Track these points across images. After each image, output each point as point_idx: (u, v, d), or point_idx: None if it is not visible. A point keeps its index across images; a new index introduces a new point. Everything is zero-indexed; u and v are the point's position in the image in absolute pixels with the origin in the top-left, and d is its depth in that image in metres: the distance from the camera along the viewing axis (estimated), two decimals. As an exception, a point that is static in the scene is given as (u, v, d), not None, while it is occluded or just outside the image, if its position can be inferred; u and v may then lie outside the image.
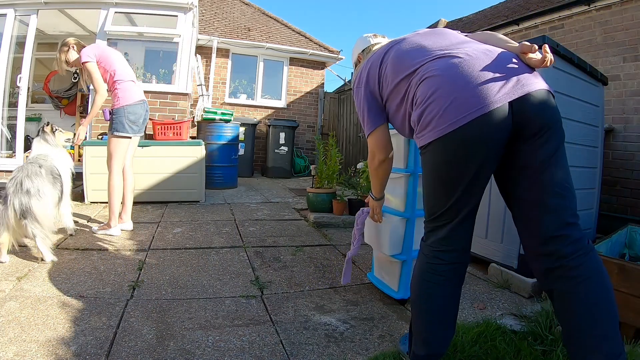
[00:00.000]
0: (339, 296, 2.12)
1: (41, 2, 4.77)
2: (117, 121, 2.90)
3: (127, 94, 2.93)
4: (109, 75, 2.90)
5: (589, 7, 4.34)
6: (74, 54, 2.91)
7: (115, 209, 2.96)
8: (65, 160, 2.78)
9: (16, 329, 1.57)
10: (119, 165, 2.97)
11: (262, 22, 8.89)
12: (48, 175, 2.47)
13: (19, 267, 2.23)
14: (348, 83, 9.35)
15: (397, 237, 2.00)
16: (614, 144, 3.87)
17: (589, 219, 2.72)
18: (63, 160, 2.74)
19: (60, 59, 2.92)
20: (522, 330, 1.74)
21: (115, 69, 2.91)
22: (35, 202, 2.29)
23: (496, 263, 2.39)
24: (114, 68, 2.91)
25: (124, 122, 2.91)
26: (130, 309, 1.83)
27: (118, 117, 2.90)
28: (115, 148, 2.94)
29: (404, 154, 1.97)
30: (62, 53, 2.90)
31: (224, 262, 2.53)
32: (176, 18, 5.04)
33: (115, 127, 2.91)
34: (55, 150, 2.73)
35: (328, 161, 3.97)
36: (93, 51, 2.88)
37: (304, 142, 8.31)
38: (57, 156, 2.69)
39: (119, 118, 2.90)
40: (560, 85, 2.26)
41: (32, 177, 2.34)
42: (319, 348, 1.59)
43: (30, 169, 2.39)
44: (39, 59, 6.29)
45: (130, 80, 2.99)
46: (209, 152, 5.00)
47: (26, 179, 2.31)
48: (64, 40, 2.92)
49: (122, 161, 2.99)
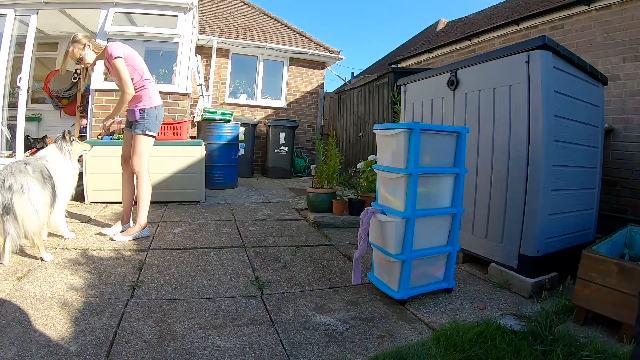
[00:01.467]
0: (339, 296, 2.12)
1: (41, 2, 4.76)
2: (150, 121, 2.91)
3: (156, 95, 2.98)
4: (137, 74, 2.87)
5: (589, 7, 4.34)
6: (91, 54, 2.82)
7: (147, 209, 2.99)
8: (67, 167, 2.69)
9: (16, 329, 1.57)
10: (147, 164, 2.98)
11: (262, 22, 8.89)
12: (36, 173, 2.37)
13: (19, 267, 2.23)
14: (348, 83, 9.35)
15: (397, 237, 2.00)
16: (614, 144, 3.87)
17: (589, 219, 2.72)
18: (62, 165, 2.65)
19: (74, 54, 2.76)
20: (522, 330, 1.74)
21: (143, 69, 2.92)
22: (18, 199, 2.19)
23: (496, 263, 2.39)
24: (142, 67, 2.92)
25: (156, 122, 2.95)
26: (130, 309, 1.82)
27: (151, 117, 2.91)
28: (146, 147, 2.95)
29: (404, 154, 1.97)
30: (76, 49, 2.74)
31: (224, 262, 2.53)
32: (176, 18, 5.04)
33: (148, 126, 2.92)
34: (59, 155, 2.66)
35: (328, 161, 3.97)
36: (122, 49, 2.82)
37: (304, 142, 8.31)
38: (55, 159, 2.62)
39: (152, 118, 2.91)
40: (560, 85, 2.26)
41: (16, 174, 2.24)
42: (319, 348, 1.59)
43: (15, 166, 2.29)
44: (39, 59, 6.29)
45: (154, 81, 3.03)
46: (209, 152, 5.00)
47: (9, 176, 2.22)
48: (75, 36, 2.78)
49: (148, 160, 3.02)
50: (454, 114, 2.72)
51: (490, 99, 2.43)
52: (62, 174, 2.63)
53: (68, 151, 2.72)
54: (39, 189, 2.35)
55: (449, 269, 2.19)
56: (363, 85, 6.14)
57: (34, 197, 2.29)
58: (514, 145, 2.28)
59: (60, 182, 2.60)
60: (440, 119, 2.86)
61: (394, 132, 2.04)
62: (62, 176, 2.63)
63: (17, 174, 2.26)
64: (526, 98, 2.20)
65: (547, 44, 2.11)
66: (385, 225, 2.06)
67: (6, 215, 2.14)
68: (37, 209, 2.31)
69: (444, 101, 2.81)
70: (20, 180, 2.25)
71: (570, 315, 1.87)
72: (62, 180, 2.63)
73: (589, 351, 1.53)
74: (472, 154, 2.51)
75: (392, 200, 2.11)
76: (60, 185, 2.58)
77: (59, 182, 2.57)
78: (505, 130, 2.33)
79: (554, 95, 2.18)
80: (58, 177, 2.57)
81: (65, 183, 2.68)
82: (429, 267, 2.16)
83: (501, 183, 2.36)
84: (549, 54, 2.15)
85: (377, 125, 2.22)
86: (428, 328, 1.82)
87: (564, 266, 2.29)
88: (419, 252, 2.06)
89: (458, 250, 2.21)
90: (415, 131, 1.92)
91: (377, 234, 2.16)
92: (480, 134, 2.50)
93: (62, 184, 2.62)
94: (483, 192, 2.49)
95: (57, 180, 2.55)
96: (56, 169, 2.59)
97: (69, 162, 2.75)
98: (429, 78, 3.00)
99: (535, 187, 2.17)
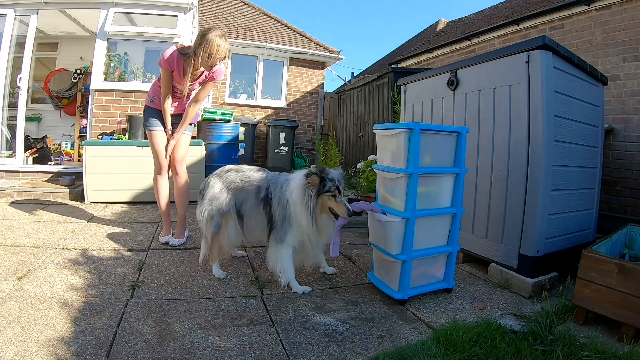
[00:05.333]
0: (339, 296, 2.12)
1: (41, 2, 4.76)
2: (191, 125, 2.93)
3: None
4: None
5: (589, 7, 4.34)
6: (221, 67, 2.68)
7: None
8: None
9: (16, 329, 1.57)
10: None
11: (262, 22, 8.89)
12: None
13: (19, 267, 2.23)
14: (348, 83, 9.35)
15: (397, 237, 2.00)
16: (614, 144, 3.87)
17: (589, 219, 2.72)
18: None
19: (211, 62, 2.49)
20: (522, 330, 1.74)
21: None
22: None
23: (496, 263, 2.39)
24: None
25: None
26: (130, 309, 1.82)
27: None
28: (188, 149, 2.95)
29: (404, 154, 1.97)
30: (220, 60, 2.53)
31: (224, 262, 2.52)
32: (176, 18, 5.04)
33: (191, 129, 2.94)
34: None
35: (328, 161, 3.98)
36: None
37: (304, 142, 8.31)
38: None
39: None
40: (560, 85, 2.26)
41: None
42: (319, 348, 1.59)
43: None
44: (39, 59, 6.29)
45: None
46: (209, 152, 5.00)
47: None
48: (225, 48, 2.47)
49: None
50: (454, 114, 2.72)
51: (490, 99, 2.43)
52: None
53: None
54: None
55: (449, 269, 2.19)
56: (363, 85, 6.14)
57: None
58: (514, 145, 2.28)
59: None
60: (440, 119, 2.86)
61: (393, 132, 2.04)
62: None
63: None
64: (526, 98, 2.20)
65: (547, 44, 2.11)
66: (385, 225, 2.06)
67: None
68: None
69: (444, 101, 2.81)
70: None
71: (570, 315, 1.87)
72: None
73: (589, 351, 1.53)
74: (472, 154, 2.52)
75: (392, 200, 2.11)
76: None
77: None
78: (505, 130, 2.33)
79: (554, 95, 2.18)
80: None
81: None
82: (429, 267, 2.16)
83: (501, 183, 2.36)
84: (549, 54, 2.15)
85: (377, 125, 2.22)
86: (428, 328, 1.82)
87: (564, 266, 2.29)
88: (418, 252, 2.06)
89: (458, 250, 2.21)
90: (415, 131, 1.92)
91: (377, 234, 2.16)
92: (480, 134, 2.50)
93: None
94: (483, 192, 2.49)
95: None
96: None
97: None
98: (429, 78, 3.00)
99: (535, 187, 2.17)
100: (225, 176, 2.31)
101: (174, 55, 2.57)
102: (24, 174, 4.82)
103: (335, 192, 2.04)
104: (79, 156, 5.52)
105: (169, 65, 2.58)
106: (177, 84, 2.71)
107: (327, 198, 2.04)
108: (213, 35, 2.41)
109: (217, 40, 2.40)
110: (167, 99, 2.73)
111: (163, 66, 2.60)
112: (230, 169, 2.36)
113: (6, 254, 2.42)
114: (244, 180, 2.27)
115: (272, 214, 2.15)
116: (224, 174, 2.33)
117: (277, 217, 2.13)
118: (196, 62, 2.48)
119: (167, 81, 2.66)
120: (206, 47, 2.40)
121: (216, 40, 2.40)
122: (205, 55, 2.42)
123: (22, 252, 2.48)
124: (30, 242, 2.69)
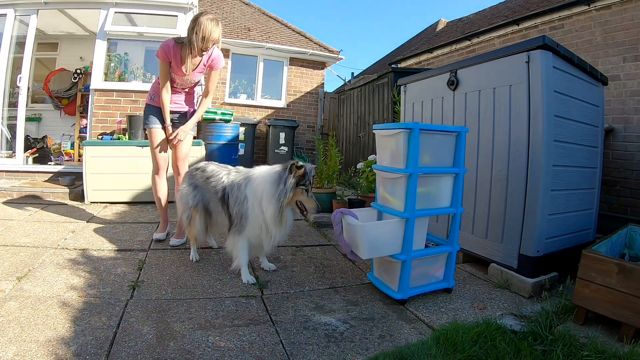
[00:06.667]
0: (339, 296, 2.12)
1: (41, 2, 4.77)
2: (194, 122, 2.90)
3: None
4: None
5: (589, 7, 4.34)
6: (219, 53, 2.71)
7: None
8: None
9: (16, 329, 1.57)
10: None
11: (262, 22, 8.89)
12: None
13: (19, 267, 2.23)
14: (348, 83, 9.35)
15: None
16: (614, 144, 3.87)
17: (589, 219, 2.72)
18: None
19: (217, 40, 2.53)
20: (522, 330, 1.74)
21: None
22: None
23: (496, 263, 2.39)
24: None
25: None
26: (130, 309, 1.82)
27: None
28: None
29: (404, 154, 1.97)
30: (213, 43, 2.55)
31: (224, 262, 2.52)
32: (176, 18, 5.04)
33: (194, 128, 2.92)
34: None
35: (328, 161, 3.97)
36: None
37: (304, 142, 8.31)
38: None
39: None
40: (560, 85, 2.26)
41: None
42: (319, 348, 1.59)
43: None
44: (39, 59, 6.29)
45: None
46: (209, 152, 5.00)
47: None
48: (217, 31, 2.50)
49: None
50: (453, 114, 2.72)
51: (490, 99, 2.43)
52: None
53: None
54: None
55: (448, 269, 2.19)
56: (363, 85, 6.14)
57: None
58: (513, 145, 2.28)
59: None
60: (440, 119, 2.86)
61: (393, 132, 2.04)
62: None
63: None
64: (526, 98, 2.20)
65: (547, 43, 2.11)
66: (354, 229, 2.06)
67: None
68: None
69: (444, 101, 2.81)
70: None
71: (570, 315, 1.86)
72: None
73: (589, 351, 1.53)
74: (472, 154, 2.52)
75: (392, 200, 2.11)
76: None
77: None
78: (505, 130, 2.33)
79: (554, 95, 2.18)
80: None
81: None
82: (428, 267, 2.16)
83: (501, 183, 2.36)
84: (549, 54, 2.15)
85: (376, 126, 2.21)
86: (428, 328, 1.82)
87: (564, 266, 2.29)
88: (418, 252, 2.06)
89: (458, 250, 2.21)
90: (414, 131, 1.92)
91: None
92: (480, 134, 2.50)
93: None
94: (483, 192, 2.49)
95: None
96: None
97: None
98: (428, 78, 3.00)
99: (535, 187, 2.17)
100: (195, 174, 2.52)
101: (169, 44, 2.58)
102: (24, 174, 4.82)
103: (308, 186, 2.14)
104: (79, 156, 5.52)
105: (165, 55, 2.59)
106: (176, 75, 2.69)
107: (300, 191, 2.14)
108: (205, 19, 2.46)
109: (209, 24, 2.46)
110: (166, 92, 2.70)
111: (160, 57, 2.61)
112: (198, 168, 2.53)
113: (6, 254, 2.42)
114: (207, 180, 2.42)
115: (230, 212, 2.29)
116: (194, 172, 2.53)
117: (234, 214, 2.26)
118: (191, 46, 2.51)
119: (165, 72, 2.66)
120: (198, 30, 2.44)
121: (208, 23, 2.46)
122: (198, 38, 2.46)
123: (22, 252, 2.48)
124: (30, 242, 2.69)
